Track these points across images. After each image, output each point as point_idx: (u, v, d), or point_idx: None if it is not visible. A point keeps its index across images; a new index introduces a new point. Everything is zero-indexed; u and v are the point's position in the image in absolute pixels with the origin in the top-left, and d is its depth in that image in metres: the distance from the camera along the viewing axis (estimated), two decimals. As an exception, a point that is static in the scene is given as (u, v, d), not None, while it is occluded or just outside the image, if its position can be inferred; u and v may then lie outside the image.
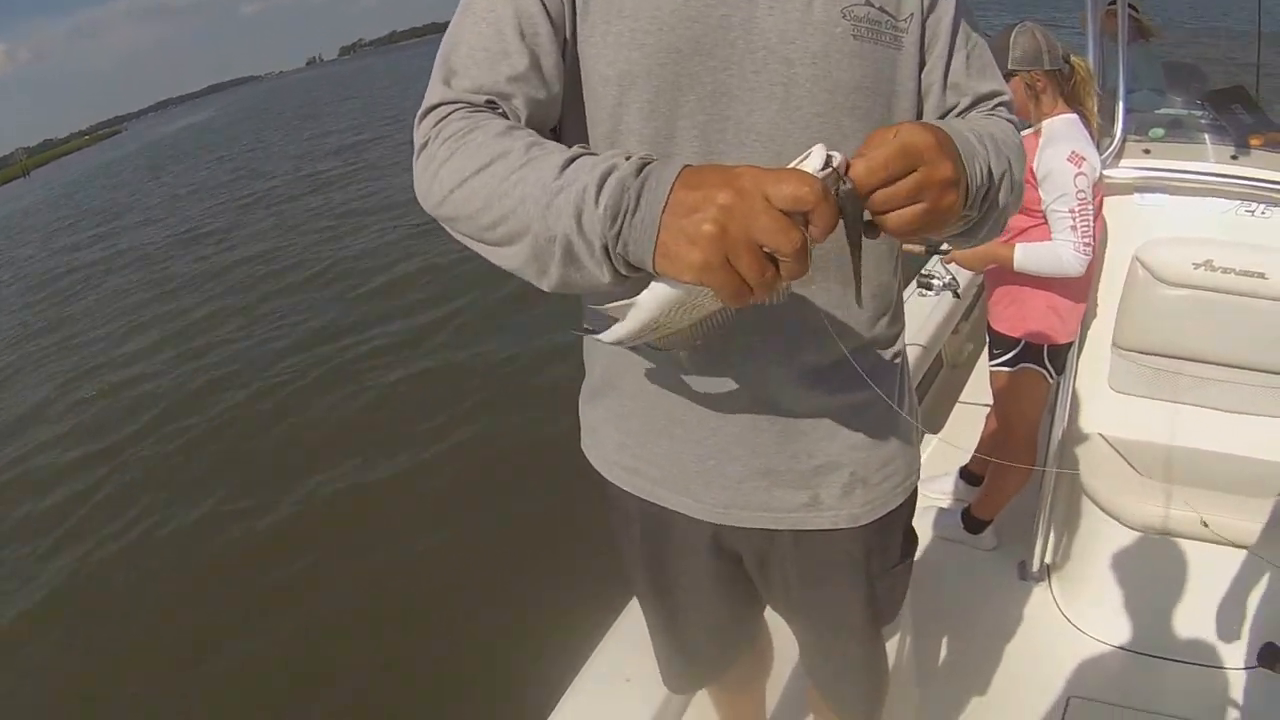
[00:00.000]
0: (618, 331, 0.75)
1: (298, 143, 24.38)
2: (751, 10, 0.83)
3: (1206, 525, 1.95)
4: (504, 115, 0.82)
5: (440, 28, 0.91)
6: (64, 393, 7.48)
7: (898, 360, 1.05)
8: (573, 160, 0.70)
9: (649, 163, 0.67)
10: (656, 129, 0.86)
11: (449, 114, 0.81)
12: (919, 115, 0.92)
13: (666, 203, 0.63)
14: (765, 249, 0.61)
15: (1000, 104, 0.95)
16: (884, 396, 0.97)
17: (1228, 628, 1.98)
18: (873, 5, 0.85)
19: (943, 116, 0.93)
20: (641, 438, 1.05)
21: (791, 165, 0.64)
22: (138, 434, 6.01)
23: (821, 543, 1.07)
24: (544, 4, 0.83)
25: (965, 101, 0.93)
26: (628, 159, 0.67)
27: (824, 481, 1.02)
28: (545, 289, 0.74)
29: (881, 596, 1.17)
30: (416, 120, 0.83)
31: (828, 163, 0.64)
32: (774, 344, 0.93)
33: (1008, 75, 2.11)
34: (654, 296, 0.70)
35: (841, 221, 0.64)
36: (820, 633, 1.25)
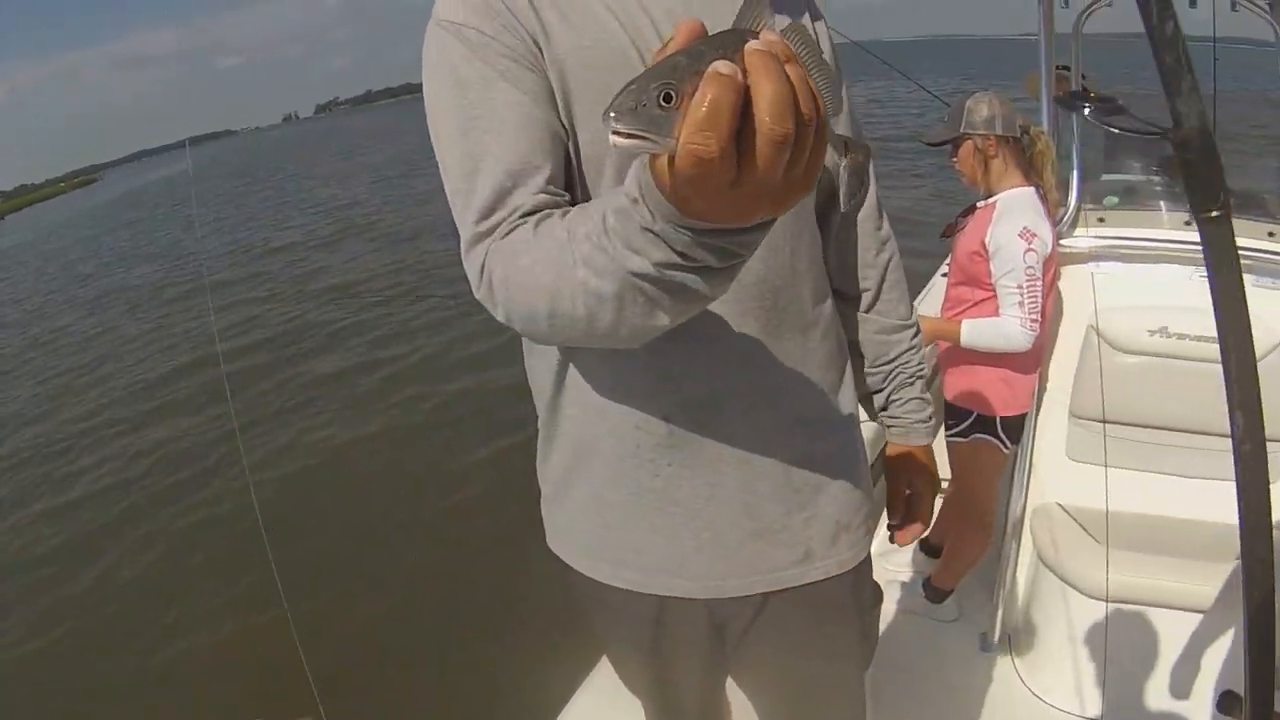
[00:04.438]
0: None
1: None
2: None
3: (1166, 591, 1.93)
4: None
5: (415, 89, 0.92)
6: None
7: (852, 405, 1.08)
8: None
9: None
10: None
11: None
12: None
13: None
14: None
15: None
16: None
17: (1187, 688, 1.94)
18: None
19: None
20: (627, 526, 0.99)
21: None
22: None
23: (813, 594, 1.04)
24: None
25: None
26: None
27: (815, 534, 1.01)
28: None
29: (868, 640, 1.17)
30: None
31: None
32: (754, 396, 0.94)
33: (960, 138, 2.13)
34: None
35: None
36: (801, 700, 1.18)
